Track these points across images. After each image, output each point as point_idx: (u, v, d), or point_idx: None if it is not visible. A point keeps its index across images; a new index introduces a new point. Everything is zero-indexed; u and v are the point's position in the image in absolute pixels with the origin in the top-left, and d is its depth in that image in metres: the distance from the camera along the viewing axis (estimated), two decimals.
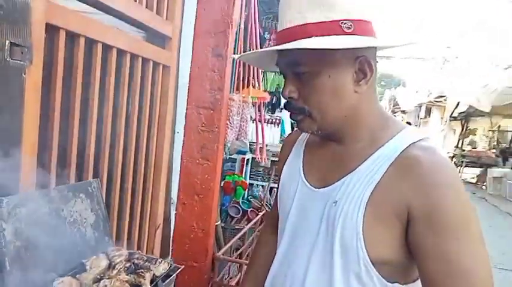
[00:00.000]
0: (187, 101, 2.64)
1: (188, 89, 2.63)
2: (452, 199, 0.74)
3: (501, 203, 9.00)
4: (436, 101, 17.28)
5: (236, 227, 3.31)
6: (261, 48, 3.26)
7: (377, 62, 0.89)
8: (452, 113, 12.71)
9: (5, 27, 1.16)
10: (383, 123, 0.90)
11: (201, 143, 2.66)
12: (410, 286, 0.84)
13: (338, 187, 0.86)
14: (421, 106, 23.30)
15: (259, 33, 3.11)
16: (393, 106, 31.03)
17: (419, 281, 0.82)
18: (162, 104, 2.33)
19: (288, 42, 0.81)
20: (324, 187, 0.90)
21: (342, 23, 0.78)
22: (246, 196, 3.74)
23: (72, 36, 1.55)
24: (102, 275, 1.23)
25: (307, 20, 0.79)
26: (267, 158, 3.59)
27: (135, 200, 2.18)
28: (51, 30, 1.42)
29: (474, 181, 12.05)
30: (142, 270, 1.27)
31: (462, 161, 12.24)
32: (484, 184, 11.16)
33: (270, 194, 4.19)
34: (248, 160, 5.12)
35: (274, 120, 4.48)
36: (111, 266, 1.29)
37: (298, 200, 0.96)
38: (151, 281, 1.27)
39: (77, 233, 1.32)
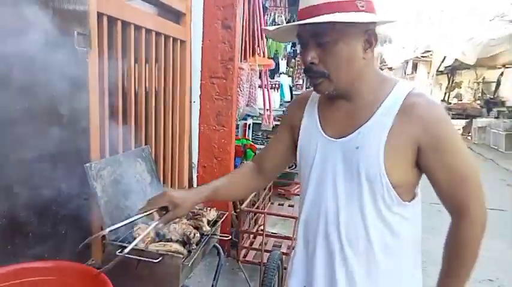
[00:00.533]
0: (201, 72, 2.84)
1: (201, 61, 2.83)
2: (448, 129, 1.01)
3: (485, 151, 9.50)
4: (423, 57, 17.46)
5: None
6: (264, 16, 3.42)
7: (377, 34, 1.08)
8: (438, 68, 12.95)
9: (72, 19, 1.36)
10: (381, 81, 1.08)
11: (216, 110, 2.90)
12: (412, 202, 1.09)
13: (356, 136, 1.05)
14: (407, 62, 23.49)
15: (262, 2, 3.25)
16: (380, 63, 31.11)
17: (414, 200, 1.11)
18: (181, 77, 2.54)
19: (316, 16, 0.96)
20: (343, 137, 1.08)
21: (357, 2, 0.96)
22: None
23: (111, 21, 1.73)
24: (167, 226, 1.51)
25: None
26: (273, 122, 3.84)
27: (166, 164, 2.44)
28: (98, 17, 1.60)
29: (460, 132, 12.57)
30: (199, 215, 1.56)
31: (449, 114, 12.62)
32: (470, 134, 11.63)
33: None
34: (250, 125, 5.36)
35: (274, 85, 4.68)
36: None
37: (320, 150, 1.12)
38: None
39: (141, 190, 1.58)
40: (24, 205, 1.23)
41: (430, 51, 15.76)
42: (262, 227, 2.72)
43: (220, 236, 1.59)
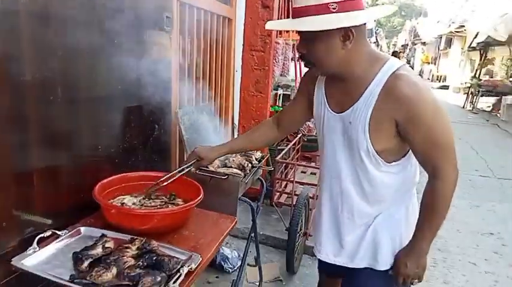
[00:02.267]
0: (243, 45, 3.34)
1: (243, 36, 3.31)
2: (421, 107, 1.15)
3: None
4: (457, 32, 17.10)
5: (278, 147, 4.14)
6: None
7: (364, 24, 1.17)
8: (471, 44, 12.78)
9: (163, 6, 1.88)
10: (371, 63, 1.22)
11: (255, 79, 3.40)
12: (400, 161, 1.31)
13: (350, 113, 1.26)
14: (441, 37, 22.87)
15: None
16: (413, 38, 30.25)
17: (404, 158, 1.30)
18: (227, 49, 3.05)
19: (297, 17, 1.16)
20: (342, 113, 1.30)
21: (330, 5, 1.11)
22: None
23: (183, 5, 2.24)
24: (227, 158, 2.06)
25: (308, 2, 1.12)
26: None
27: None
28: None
29: (489, 109, 12.51)
30: (250, 154, 2.11)
31: (479, 91, 12.55)
32: (499, 111, 11.59)
33: None
34: (280, 95, 5.84)
35: None
36: None
37: (326, 122, 1.37)
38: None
39: (206, 132, 2.14)
40: (135, 136, 1.82)
41: (464, 26, 15.46)
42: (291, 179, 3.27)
43: (264, 167, 2.14)
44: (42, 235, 1.24)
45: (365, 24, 1.20)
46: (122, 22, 1.56)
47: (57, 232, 1.30)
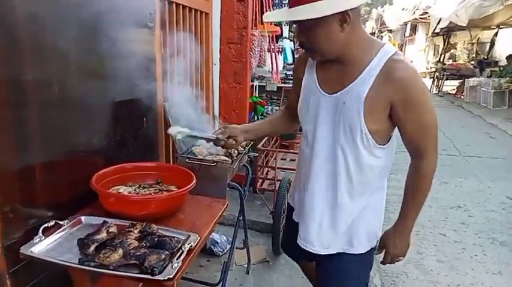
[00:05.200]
0: (220, 39, 3.41)
1: (220, 29, 3.39)
2: (416, 90, 1.22)
3: (475, 109, 10.12)
4: (421, 18, 17.65)
5: None
6: None
7: (358, 6, 1.20)
8: (434, 29, 13.28)
9: (146, 4, 1.94)
10: (368, 46, 1.26)
11: (233, 71, 3.50)
12: (385, 145, 1.34)
13: (345, 93, 1.27)
14: (406, 24, 23.53)
15: None
16: (380, 25, 30.97)
17: (388, 143, 1.34)
18: (206, 43, 3.11)
19: (294, 6, 1.19)
20: (335, 93, 1.30)
21: None
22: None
23: (161, 1, 2.29)
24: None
25: None
26: (280, 80, 4.47)
27: None
28: None
29: (454, 92, 13.11)
30: None
31: (443, 75, 13.13)
32: (463, 93, 12.17)
33: None
34: (256, 86, 5.95)
35: (277, 49, 5.20)
36: None
37: (316, 102, 1.36)
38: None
39: (194, 124, 2.22)
40: (125, 129, 1.88)
41: (427, 12, 15.98)
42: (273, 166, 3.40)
43: (250, 153, 2.25)
44: (46, 225, 1.31)
45: (359, 7, 1.23)
46: (111, 21, 1.62)
47: (59, 221, 1.37)
